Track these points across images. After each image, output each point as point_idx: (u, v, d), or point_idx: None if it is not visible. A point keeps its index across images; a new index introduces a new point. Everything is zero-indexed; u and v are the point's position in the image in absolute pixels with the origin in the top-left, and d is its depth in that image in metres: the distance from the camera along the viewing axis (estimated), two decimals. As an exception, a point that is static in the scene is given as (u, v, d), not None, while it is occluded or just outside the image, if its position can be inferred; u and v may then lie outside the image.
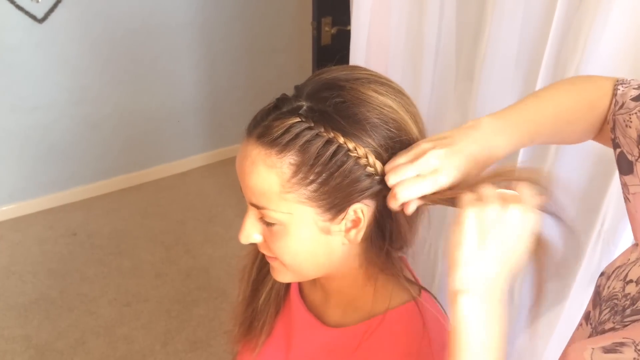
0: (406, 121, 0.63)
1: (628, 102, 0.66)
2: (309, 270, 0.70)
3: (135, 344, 2.23)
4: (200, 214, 2.96)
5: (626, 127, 0.65)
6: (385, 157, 0.62)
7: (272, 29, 3.23)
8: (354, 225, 0.65)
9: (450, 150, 0.60)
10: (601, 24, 0.93)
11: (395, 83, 0.67)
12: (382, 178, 0.62)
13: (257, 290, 0.84)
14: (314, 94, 0.63)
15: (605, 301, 0.60)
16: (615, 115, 0.67)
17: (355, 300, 0.74)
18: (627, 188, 0.66)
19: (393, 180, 0.59)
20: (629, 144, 0.64)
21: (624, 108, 0.66)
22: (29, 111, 2.74)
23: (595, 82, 0.72)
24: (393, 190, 0.59)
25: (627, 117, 0.65)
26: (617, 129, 0.66)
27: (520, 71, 1.16)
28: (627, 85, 0.68)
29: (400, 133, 0.62)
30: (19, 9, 2.50)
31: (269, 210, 0.63)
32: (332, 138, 0.60)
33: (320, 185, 0.61)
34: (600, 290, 0.63)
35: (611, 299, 0.59)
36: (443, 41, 1.28)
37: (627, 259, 0.62)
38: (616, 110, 0.67)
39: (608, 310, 0.59)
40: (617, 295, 0.59)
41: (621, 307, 0.57)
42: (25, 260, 2.65)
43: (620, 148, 0.66)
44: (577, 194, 1.13)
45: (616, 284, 0.60)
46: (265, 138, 0.61)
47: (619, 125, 0.66)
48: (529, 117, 0.67)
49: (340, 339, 0.74)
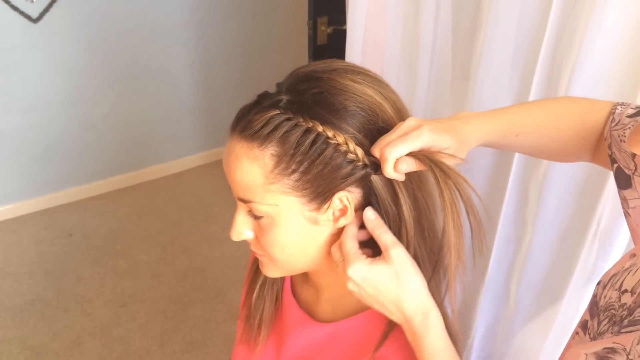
0: (384, 107, 0.64)
1: (624, 118, 0.68)
2: (298, 263, 0.70)
3: (132, 344, 2.22)
4: (197, 214, 2.96)
5: (621, 142, 0.67)
6: (365, 144, 0.63)
7: (268, 28, 3.22)
8: (341, 214, 0.65)
9: (427, 120, 0.63)
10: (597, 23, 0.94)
11: (374, 72, 0.68)
12: (364, 164, 0.63)
13: (252, 287, 0.85)
14: (292, 87, 0.64)
15: (602, 311, 0.60)
16: (611, 132, 0.69)
17: (346, 294, 0.74)
18: (626, 202, 0.67)
19: (377, 148, 0.61)
20: (624, 158, 0.66)
21: (619, 124, 0.68)
22: (25, 112, 2.73)
23: (594, 102, 0.75)
24: (382, 154, 0.60)
25: (621, 132, 0.67)
26: (614, 144, 0.68)
27: (516, 70, 1.16)
28: (626, 106, 0.70)
29: (379, 119, 0.63)
30: (14, 9, 2.49)
31: (255, 203, 0.64)
32: (311, 127, 0.61)
33: (302, 175, 0.62)
34: (597, 300, 0.63)
35: (608, 309, 0.60)
36: (439, 41, 1.28)
37: (622, 267, 0.62)
38: (612, 126, 0.69)
39: (607, 321, 0.59)
40: (614, 305, 0.59)
41: (619, 318, 0.57)
42: (21, 261, 2.64)
43: (617, 163, 0.67)
44: (573, 194, 1.13)
45: (612, 294, 0.60)
46: (246, 132, 0.63)
47: (615, 141, 0.68)
48: (512, 110, 0.71)
49: (331, 334, 0.75)
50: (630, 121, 0.67)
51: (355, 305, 0.74)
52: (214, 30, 3.07)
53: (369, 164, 0.63)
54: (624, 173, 0.66)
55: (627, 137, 0.65)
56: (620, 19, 0.92)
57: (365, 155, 0.62)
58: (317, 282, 0.78)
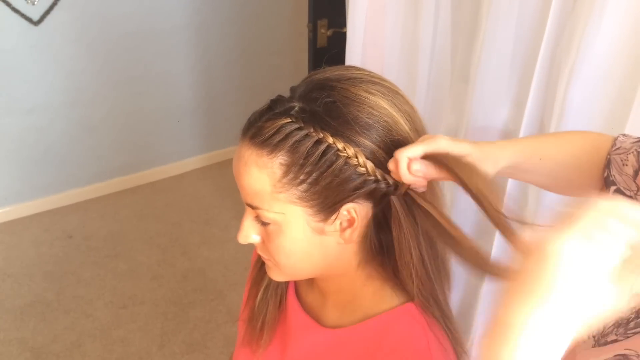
0: (397, 120, 0.63)
1: (626, 144, 0.69)
2: (304, 270, 0.70)
3: (132, 346, 2.22)
4: (197, 216, 2.96)
5: (623, 166, 0.67)
6: (379, 156, 0.62)
7: (268, 31, 3.23)
8: (349, 225, 0.65)
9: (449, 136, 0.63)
10: (595, 25, 0.94)
11: (390, 82, 0.67)
12: (375, 178, 0.62)
13: (255, 289, 0.85)
14: (305, 95, 0.64)
15: None
16: (611, 155, 0.70)
17: (353, 300, 0.74)
18: None
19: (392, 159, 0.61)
20: (625, 180, 0.67)
21: (621, 149, 0.69)
22: (25, 113, 2.74)
23: (599, 133, 0.76)
24: (395, 157, 0.60)
25: (624, 156, 0.68)
26: (613, 167, 0.69)
27: (515, 72, 1.16)
28: (629, 136, 0.71)
29: (392, 132, 0.63)
30: (15, 12, 2.49)
31: (262, 210, 0.64)
32: (322, 138, 0.60)
33: (310, 186, 0.62)
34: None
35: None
36: (438, 43, 1.29)
37: None
38: (612, 150, 0.70)
39: (612, 324, 0.58)
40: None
41: (625, 320, 0.57)
42: (21, 263, 2.65)
43: (616, 185, 0.68)
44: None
45: None
46: (257, 139, 0.62)
47: (615, 164, 0.69)
48: (531, 137, 0.71)
49: (337, 340, 0.74)
50: (632, 145, 0.68)
51: (362, 312, 0.73)
52: (215, 33, 3.07)
53: (380, 178, 0.62)
54: (624, 195, 0.67)
55: (629, 161, 0.66)
56: (618, 20, 0.93)
57: (376, 169, 0.62)
58: (323, 287, 0.77)
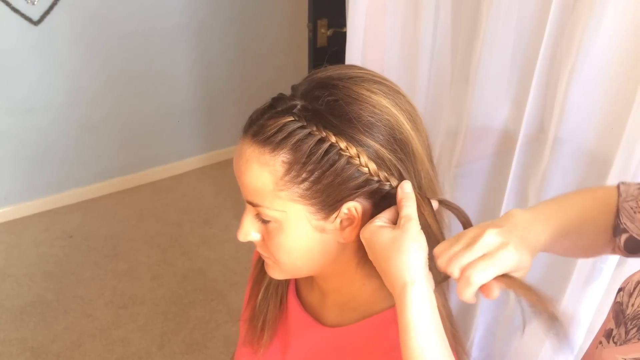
0: (399, 119, 0.63)
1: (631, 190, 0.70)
2: (303, 268, 0.70)
3: (132, 346, 2.22)
4: (197, 215, 2.96)
5: (635, 214, 0.67)
6: (381, 154, 0.62)
7: (268, 31, 3.23)
8: (349, 223, 0.65)
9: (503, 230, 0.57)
10: (595, 25, 0.94)
11: (391, 81, 0.67)
12: (378, 178, 0.62)
13: (257, 289, 0.85)
14: (307, 93, 0.64)
15: (630, 319, 0.59)
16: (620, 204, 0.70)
17: (353, 299, 0.74)
18: None
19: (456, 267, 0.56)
20: (638, 227, 0.67)
21: (628, 197, 0.69)
22: (25, 113, 2.74)
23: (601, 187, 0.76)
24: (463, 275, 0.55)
25: (633, 204, 0.68)
26: (624, 216, 0.69)
27: (515, 72, 1.16)
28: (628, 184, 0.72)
29: (394, 131, 0.63)
30: (15, 11, 2.49)
31: (263, 207, 0.64)
32: (324, 137, 0.61)
33: (312, 184, 0.62)
34: (624, 308, 0.61)
35: (637, 317, 0.58)
36: (438, 43, 1.29)
37: None
38: (620, 200, 0.70)
39: (636, 330, 0.58)
40: None
41: None
42: (21, 262, 2.65)
43: (629, 233, 0.68)
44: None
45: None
46: (259, 137, 0.62)
47: (626, 213, 0.68)
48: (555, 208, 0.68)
49: (337, 339, 0.74)
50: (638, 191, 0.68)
51: (362, 311, 0.73)
52: (214, 33, 3.07)
53: (382, 179, 0.62)
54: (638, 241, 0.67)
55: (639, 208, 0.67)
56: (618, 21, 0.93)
57: (378, 169, 0.62)
58: (323, 286, 0.77)
